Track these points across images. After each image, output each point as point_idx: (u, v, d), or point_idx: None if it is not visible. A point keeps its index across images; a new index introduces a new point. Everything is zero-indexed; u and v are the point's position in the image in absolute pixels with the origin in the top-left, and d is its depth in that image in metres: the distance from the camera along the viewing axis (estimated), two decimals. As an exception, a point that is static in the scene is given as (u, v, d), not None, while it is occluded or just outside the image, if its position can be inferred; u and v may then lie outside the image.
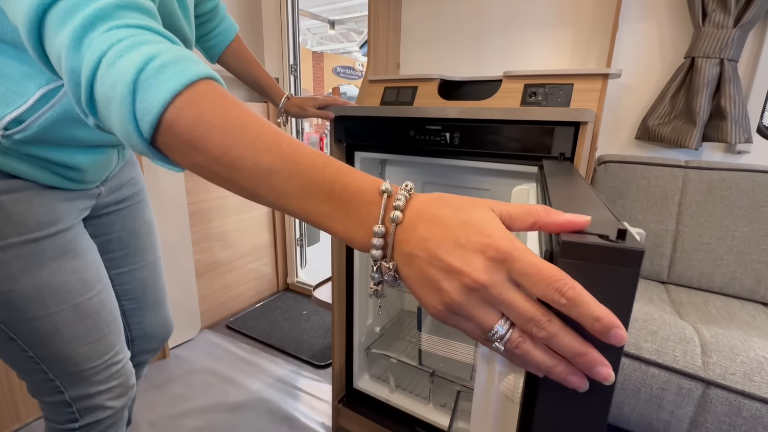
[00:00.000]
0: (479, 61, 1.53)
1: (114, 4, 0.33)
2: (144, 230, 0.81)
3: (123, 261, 0.78)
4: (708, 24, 1.09)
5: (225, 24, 0.90)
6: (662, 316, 0.82)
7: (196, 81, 0.31)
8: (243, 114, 0.32)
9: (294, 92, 2.08)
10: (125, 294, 0.80)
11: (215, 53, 0.91)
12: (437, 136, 0.88)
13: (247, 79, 0.96)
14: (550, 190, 0.45)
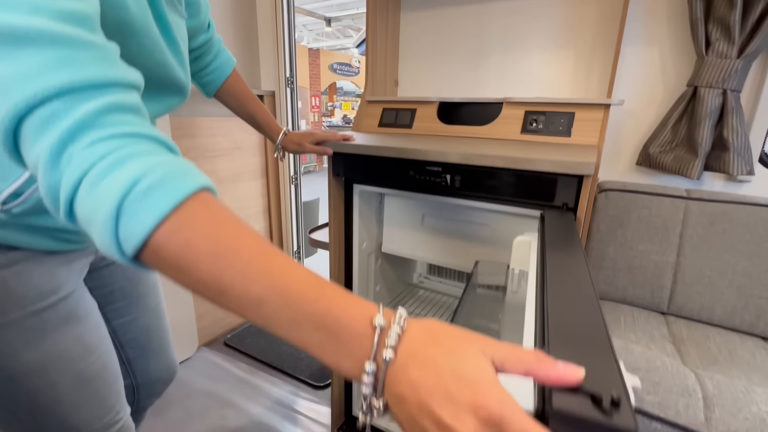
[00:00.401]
0: (479, 80, 1.50)
1: (96, 110, 0.30)
2: (144, 277, 0.80)
3: (126, 310, 0.77)
4: (711, 53, 1.07)
5: (221, 59, 0.87)
6: (664, 362, 0.81)
7: (187, 199, 0.30)
8: (235, 236, 0.30)
9: (291, 104, 2.05)
10: (129, 343, 0.79)
11: (211, 89, 0.88)
12: (437, 178, 0.87)
13: (244, 115, 0.93)
14: (548, 283, 0.43)
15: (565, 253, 0.52)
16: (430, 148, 0.82)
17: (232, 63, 0.89)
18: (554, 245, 0.58)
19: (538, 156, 0.73)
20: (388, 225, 1.17)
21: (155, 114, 0.59)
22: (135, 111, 0.34)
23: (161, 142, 0.34)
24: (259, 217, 2.08)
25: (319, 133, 0.95)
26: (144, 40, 0.49)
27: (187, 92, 0.62)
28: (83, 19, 0.32)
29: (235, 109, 0.92)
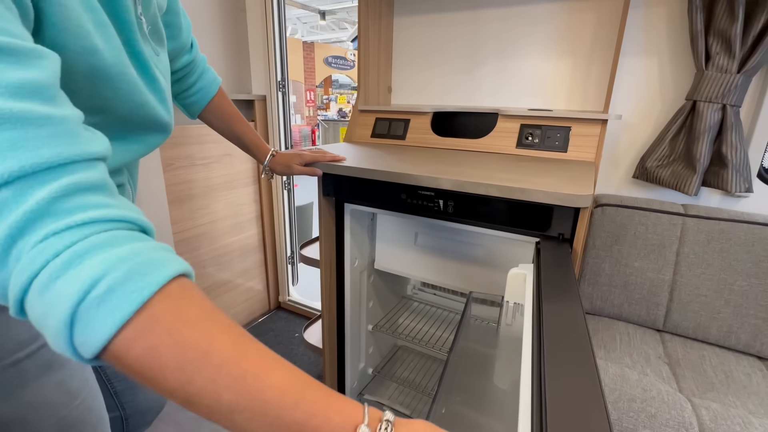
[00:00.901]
0: (475, 87, 1.47)
1: (51, 197, 0.27)
2: None
3: None
4: (711, 67, 1.05)
5: (205, 79, 0.83)
6: (660, 390, 0.80)
7: (152, 298, 0.27)
8: (205, 336, 0.28)
9: (284, 110, 2.00)
10: (114, 376, 0.77)
11: (195, 110, 0.85)
12: (430, 202, 0.84)
13: (230, 136, 0.90)
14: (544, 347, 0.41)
15: (561, 304, 0.50)
16: (421, 173, 0.79)
17: (218, 83, 0.85)
18: (549, 284, 0.56)
19: (533, 185, 0.70)
20: (380, 242, 1.14)
21: (138, 155, 0.56)
22: (99, 189, 0.31)
23: (129, 222, 0.31)
24: (252, 224, 2.05)
25: (308, 154, 0.92)
26: (119, 84, 0.46)
27: (170, 129, 0.59)
28: (36, 89, 0.28)
29: (220, 130, 0.89)
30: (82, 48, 0.39)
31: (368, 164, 0.90)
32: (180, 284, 0.30)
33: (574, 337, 0.44)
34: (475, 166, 0.91)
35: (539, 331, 0.48)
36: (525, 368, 0.48)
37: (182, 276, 0.31)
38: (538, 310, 0.51)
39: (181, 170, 1.63)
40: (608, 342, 1.02)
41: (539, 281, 0.58)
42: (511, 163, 0.96)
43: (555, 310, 0.48)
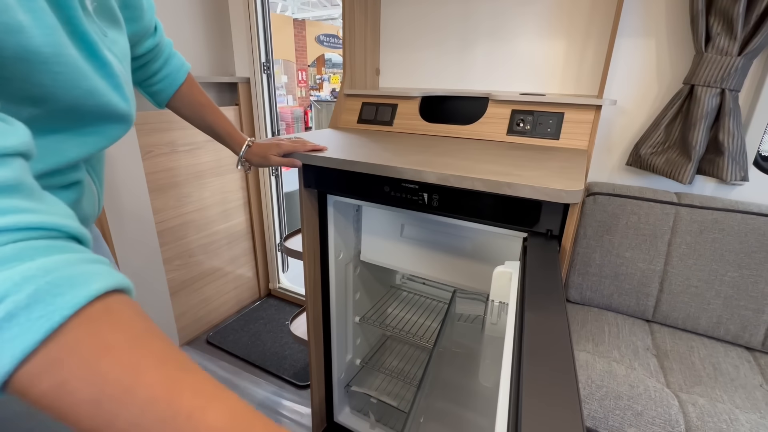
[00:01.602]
0: (465, 69, 1.41)
1: None
2: None
3: None
4: (711, 49, 1.00)
5: (172, 65, 0.77)
6: (647, 386, 0.79)
7: (67, 322, 0.23)
8: (130, 368, 0.24)
9: (269, 93, 1.93)
10: None
11: (162, 98, 0.79)
12: (414, 195, 0.80)
13: (202, 126, 0.85)
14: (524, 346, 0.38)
15: (543, 313, 0.47)
16: (405, 165, 0.75)
17: (186, 69, 0.79)
18: (534, 288, 0.53)
19: (521, 179, 0.66)
20: (366, 234, 1.11)
21: (96, 148, 0.50)
22: (12, 190, 0.26)
23: (52, 230, 0.27)
24: (239, 211, 2.00)
25: (286, 144, 0.87)
26: (57, 68, 0.41)
27: (130, 119, 0.53)
28: None
29: (191, 119, 0.83)
30: (2, 25, 0.34)
31: (351, 154, 0.86)
32: (106, 305, 0.26)
33: (554, 348, 0.41)
34: (462, 155, 0.87)
35: (520, 338, 0.45)
36: (505, 371, 0.45)
37: (115, 293, 0.27)
38: (521, 315, 0.48)
39: (162, 157, 1.57)
40: (597, 334, 1.01)
41: (523, 284, 0.55)
42: (501, 152, 0.92)
43: (537, 320, 0.45)
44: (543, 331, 0.45)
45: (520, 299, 0.52)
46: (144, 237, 1.52)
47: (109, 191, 1.38)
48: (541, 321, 0.46)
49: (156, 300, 1.61)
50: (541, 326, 0.45)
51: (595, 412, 0.74)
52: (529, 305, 0.48)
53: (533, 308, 0.47)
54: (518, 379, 0.39)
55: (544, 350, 0.42)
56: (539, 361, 0.40)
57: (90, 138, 0.46)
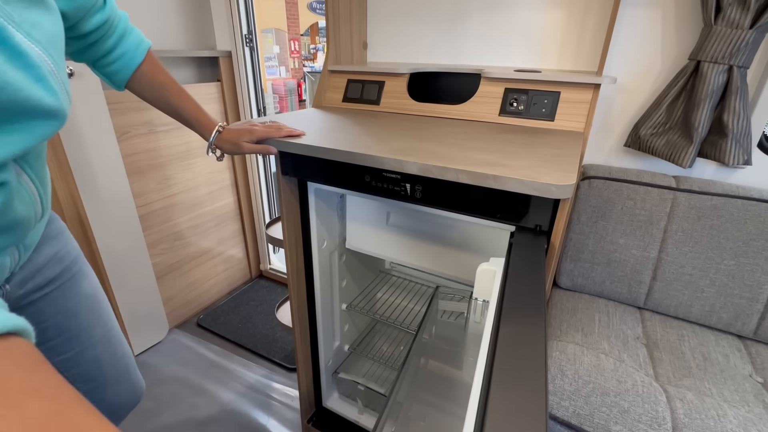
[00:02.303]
0: (458, 43, 1.32)
1: None
2: (85, 307, 0.70)
3: (66, 346, 0.69)
4: (721, 21, 0.92)
5: (128, 42, 0.70)
6: (635, 381, 0.77)
7: None
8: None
9: (253, 67, 1.82)
10: (77, 377, 0.72)
11: (119, 80, 0.72)
12: (396, 186, 0.75)
13: (167, 109, 0.78)
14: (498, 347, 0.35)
15: (520, 325, 0.43)
16: (386, 154, 0.69)
17: (145, 46, 0.72)
18: (515, 291, 0.49)
19: (508, 170, 0.61)
20: (351, 221, 1.06)
21: (23, 147, 0.44)
22: None
23: None
24: (226, 192, 1.94)
25: (260, 129, 0.80)
26: None
27: (61, 113, 0.47)
28: None
29: (154, 102, 0.76)
30: None
31: (330, 140, 0.80)
32: None
33: (527, 361, 0.38)
34: (449, 140, 0.81)
35: (495, 345, 0.42)
36: (479, 371, 0.43)
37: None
38: (498, 322, 0.45)
39: (139, 138, 1.49)
40: (587, 324, 0.99)
41: (504, 287, 0.51)
42: (491, 136, 0.86)
43: (512, 332, 0.42)
44: (517, 345, 0.41)
45: (500, 303, 0.48)
46: (125, 222, 1.47)
47: (85, 176, 1.32)
48: (516, 335, 0.42)
49: (141, 285, 1.58)
50: (516, 339, 0.42)
51: (581, 409, 0.72)
52: (505, 315, 0.44)
53: (509, 321, 0.44)
54: (489, 381, 0.37)
55: (515, 362, 0.39)
56: (509, 370, 0.37)
57: (12, 137, 0.41)
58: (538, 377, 0.37)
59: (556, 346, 0.87)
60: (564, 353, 0.84)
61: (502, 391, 0.35)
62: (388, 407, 0.72)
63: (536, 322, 0.44)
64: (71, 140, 1.25)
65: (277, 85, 7.74)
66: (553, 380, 0.77)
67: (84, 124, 1.28)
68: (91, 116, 1.29)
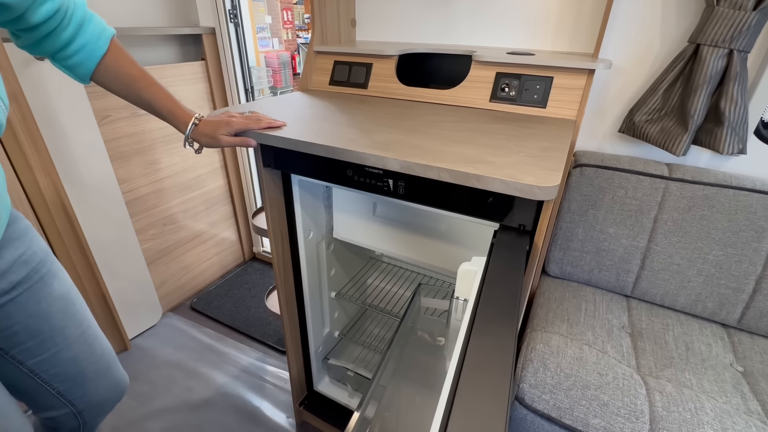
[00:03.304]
0: (449, 22, 1.27)
1: None
2: (57, 308, 0.69)
3: (39, 348, 0.68)
4: (723, 2, 0.88)
5: (88, 32, 0.65)
6: (616, 374, 0.78)
7: None
8: None
9: (239, 46, 1.75)
10: (55, 377, 0.72)
11: (83, 73, 0.67)
12: (379, 181, 0.73)
13: (138, 102, 0.74)
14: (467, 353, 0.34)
15: (490, 337, 0.42)
16: (366, 150, 0.67)
17: (108, 35, 0.67)
18: (490, 298, 0.49)
19: (492, 169, 0.59)
20: (338, 211, 1.04)
21: None
22: None
23: None
24: (216, 175, 1.91)
25: (238, 121, 0.77)
26: None
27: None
28: None
29: (124, 95, 0.72)
30: None
31: (311, 132, 0.77)
32: None
33: (492, 373, 0.38)
34: (435, 131, 0.78)
35: (465, 349, 0.41)
36: (450, 371, 0.43)
37: None
38: (470, 331, 0.44)
39: (121, 122, 1.45)
40: (573, 313, 0.99)
41: (480, 291, 0.50)
42: (480, 126, 0.83)
43: (481, 344, 0.41)
44: (485, 349, 0.41)
45: (475, 307, 0.48)
46: (111, 209, 1.45)
47: (66, 163, 1.28)
48: (483, 348, 0.42)
49: (131, 271, 1.58)
50: (484, 351, 0.41)
51: (561, 402, 0.73)
52: (477, 323, 0.43)
53: (480, 332, 0.43)
54: (460, 371, 0.40)
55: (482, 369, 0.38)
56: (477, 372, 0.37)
57: None
58: (503, 371, 0.39)
59: (541, 338, 0.88)
60: (548, 345, 0.84)
61: (470, 380, 0.38)
62: (371, 390, 0.74)
63: (506, 333, 0.43)
64: (49, 127, 1.21)
65: (271, 58, 7.49)
66: (536, 373, 0.78)
67: (60, 109, 1.24)
68: (67, 100, 1.25)
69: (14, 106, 1.10)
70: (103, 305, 1.46)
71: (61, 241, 1.28)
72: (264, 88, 4.43)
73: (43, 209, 1.22)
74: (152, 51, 1.59)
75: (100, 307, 1.46)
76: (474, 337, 0.42)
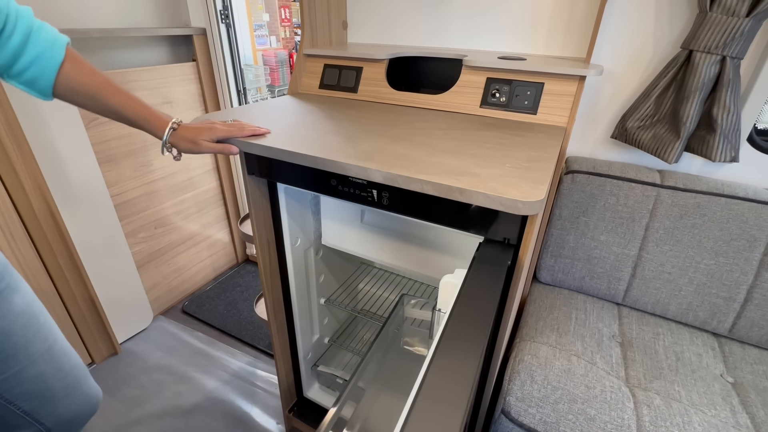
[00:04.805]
0: (442, 24, 1.25)
1: None
2: (18, 324, 0.67)
3: (2, 366, 0.66)
4: (716, 8, 0.86)
5: (39, 42, 0.59)
6: (604, 387, 0.77)
7: None
8: None
9: (231, 46, 1.73)
10: (19, 397, 0.70)
11: (43, 87, 0.62)
12: (363, 192, 0.71)
13: (107, 113, 0.69)
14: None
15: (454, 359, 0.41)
16: (349, 161, 0.65)
17: (61, 44, 0.61)
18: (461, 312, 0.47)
19: (476, 182, 0.58)
20: (326, 219, 1.03)
21: None
22: None
23: None
24: (208, 177, 1.89)
25: (221, 128, 0.75)
26: None
27: None
28: None
29: (90, 107, 0.67)
30: None
31: (295, 140, 0.75)
32: None
33: (444, 405, 0.37)
34: (422, 140, 0.77)
35: (423, 379, 0.40)
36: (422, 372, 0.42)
37: None
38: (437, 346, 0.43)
39: (109, 125, 1.43)
40: (563, 322, 0.98)
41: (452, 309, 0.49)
42: (468, 134, 0.82)
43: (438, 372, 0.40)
44: (443, 377, 0.40)
45: (445, 326, 0.47)
46: (99, 212, 1.43)
47: (53, 167, 1.26)
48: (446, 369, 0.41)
49: (121, 274, 1.56)
50: (442, 376, 0.40)
51: (548, 417, 0.72)
52: (440, 348, 0.42)
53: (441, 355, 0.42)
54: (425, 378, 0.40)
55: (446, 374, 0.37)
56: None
57: None
58: (456, 404, 0.38)
59: (530, 349, 0.86)
60: (536, 357, 0.83)
61: (422, 408, 0.37)
62: (347, 389, 0.74)
63: (466, 360, 0.42)
64: (33, 130, 1.19)
65: (269, 56, 7.45)
66: (523, 386, 0.77)
67: (46, 112, 1.22)
68: (53, 104, 1.23)
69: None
70: (92, 309, 1.45)
71: (48, 245, 1.27)
72: (262, 86, 4.39)
73: (30, 214, 1.21)
74: (142, 52, 1.57)
75: (89, 311, 1.45)
76: (435, 361, 0.41)
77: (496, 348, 0.72)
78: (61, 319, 1.38)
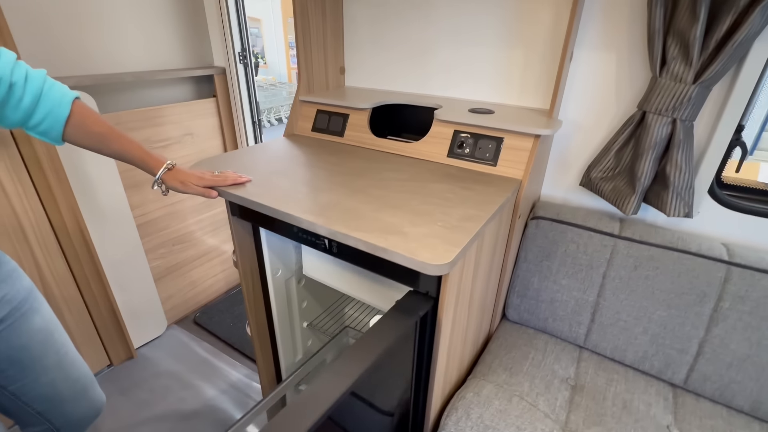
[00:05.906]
0: (427, 73, 1.36)
1: None
2: (36, 340, 0.82)
3: (19, 375, 0.81)
4: (665, 74, 0.92)
5: (49, 100, 0.69)
6: (534, 429, 0.82)
7: None
8: None
9: (247, 80, 1.91)
10: (34, 400, 0.84)
11: (53, 136, 0.73)
12: (318, 240, 0.82)
13: (110, 154, 0.81)
14: None
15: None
16: (302, 215, 0.76)
17: (68, 100, 0.71)
18: (355, 353, 0.56)
19: (400, 242, 0.67)
20: (306, 252, 1.14)
21: None
22: None
23: None
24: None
25: (208, 178, 0.88)
26: None
27: None
28: None
29: (95, 150, 0.80)
30: None
31: (268, 189, 0.88)
32: None
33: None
34: (378, 193, 0.87)
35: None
36: None
37: None
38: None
39: (136, 155, 1.63)
40: (518, 362, 1.03)
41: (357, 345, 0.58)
42: (424, 186, 0.91)
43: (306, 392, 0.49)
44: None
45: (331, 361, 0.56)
46: (123, 231, 1.62)
47: (84, 191, 1.47)
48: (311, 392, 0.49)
49: (139, 286, 1.75)
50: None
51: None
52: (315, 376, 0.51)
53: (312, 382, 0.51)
54: None
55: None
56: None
57: None
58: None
59: (475, 386, 0.93)
60: (478, 395, 0.90)
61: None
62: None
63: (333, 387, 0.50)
64: (69, 160, 1.40)
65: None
66: (457, 422, 0.84)
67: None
68: (89, 139, 1.43)
69: (43, 144, 1.29)
70: (112, 316, 1.64)
71: (77, 258, 1.46)
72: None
73: (63, 230, 1.40)
74: (169, 90, 1.78)
75: (110, 317, 1.63)
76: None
77: (430, 385, 0.80)
78: (85, 324, 1.57)
